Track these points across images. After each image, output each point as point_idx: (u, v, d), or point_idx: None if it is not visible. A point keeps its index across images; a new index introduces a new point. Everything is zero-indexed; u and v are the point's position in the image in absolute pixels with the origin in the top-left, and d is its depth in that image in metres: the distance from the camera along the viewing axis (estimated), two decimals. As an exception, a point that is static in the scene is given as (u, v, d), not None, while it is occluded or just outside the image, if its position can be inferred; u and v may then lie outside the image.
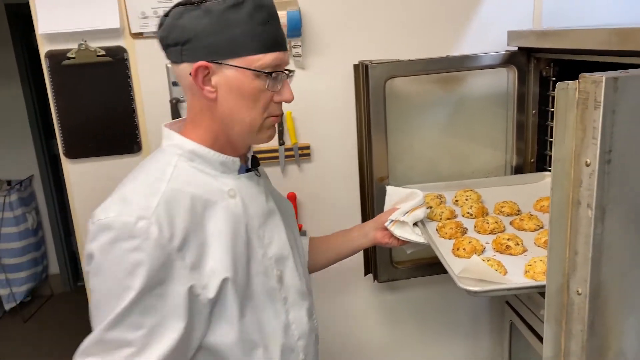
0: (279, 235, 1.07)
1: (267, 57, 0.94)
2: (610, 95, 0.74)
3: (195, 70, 0.93)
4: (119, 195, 0.94)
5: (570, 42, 1.30)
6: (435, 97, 1.69)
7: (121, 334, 0.88)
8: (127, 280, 0.87)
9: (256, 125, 0.98)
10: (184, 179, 0.96)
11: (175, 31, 0.93)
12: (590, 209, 0.79)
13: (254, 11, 0.93)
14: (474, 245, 1.15)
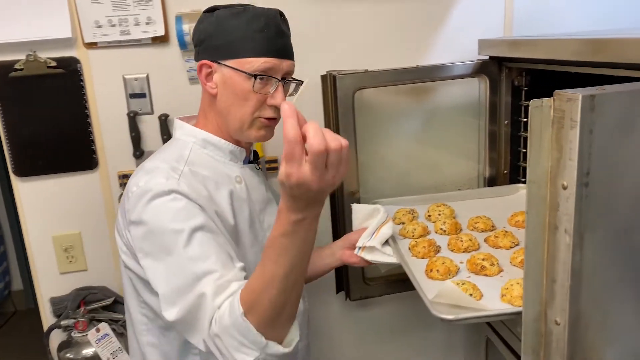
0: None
1: (258, 61, 1.05)
2: (586, 114, 0.69)
3: (199, 67, 1.08)
4: (143, 171, 1.04)
5: (543, 52, 1.26)
6: (406, 107, 1.64)
7: (195, 269, 0.92)
8: (175, 224, 0.95)
9: (245, 122, 1.08)
10: (199, 162, 1.08)
11: (196, 34, 1.11)
12: (568, 235, 0.74)
13: (252, 19, 1.05)
14: (448, 266, 1.09)
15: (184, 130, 1.14)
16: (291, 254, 0.83)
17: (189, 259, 0.94)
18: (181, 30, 1.47)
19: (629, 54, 0.99)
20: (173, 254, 0.95)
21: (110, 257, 1.64)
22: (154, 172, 1.02)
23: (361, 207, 1.29)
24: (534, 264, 0.79)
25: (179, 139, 1.14)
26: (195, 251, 0.94)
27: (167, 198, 0.98)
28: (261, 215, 1.17)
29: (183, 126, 1.15)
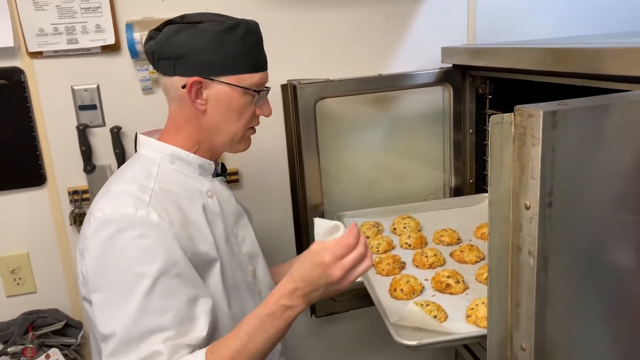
0: (249, 235, 1.15)
1: (255, 76, 1.04)
2: (549, 130, 0.65)
3: (191, 84, 1.00)
4: (110, 194, 0.97)
5: (505, 61, 1.24)
6: (370, 117, 1.60)
7: (150, 323, 0.87)
8: (139, 267, 0.88)
9: (238, 136, 1.07)
10: (169, 179, 1.03)
11: (170, 46, 1.00)
12: (532, 257, 0.70)
13: (246, 35, 1.02)
14: (412, 285, 1.05)
15: (149, 146, 1.08)
16: (268, 334, 0.89)
17: (147, 310, 0.87)
18: (132, 38, 1.40)
19: (591, 64, 0.97)
20: (131, 300, 0.87)
21: (62, 278, 1.55)
22: (122, 197, 0.95)
23: (323, 222, 1.23)
24: (497, 287, 0.76)
25: (145, 156, 1.07)
26: (155, 303, 0.88)
27: (134, 233, 0.90)
28: (235, 228, 1.13)
29: (148, 142, 1.08)
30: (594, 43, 1.09)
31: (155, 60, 1.04)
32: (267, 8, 1.50)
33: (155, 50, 1.02)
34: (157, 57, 1.03)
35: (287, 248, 1.62)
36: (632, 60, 0.90)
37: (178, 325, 0.88)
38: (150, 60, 1.05)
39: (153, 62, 1.05)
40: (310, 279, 0.88)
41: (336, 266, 0.88)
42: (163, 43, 1.01)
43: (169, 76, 1.03)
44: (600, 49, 0.96)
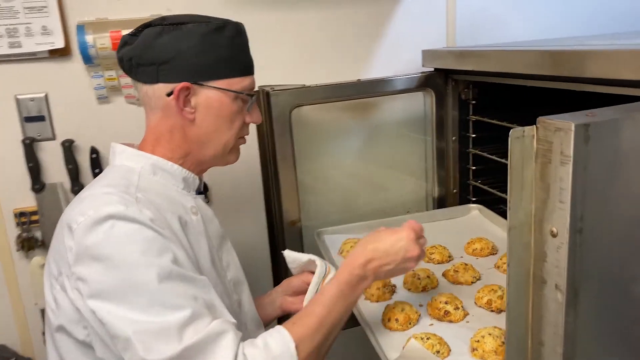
0: (233, 260, 1.06)
1: (246, 80, 0.97)
2: (580, 146, 0.56)
3: (178, 90, 0.90)
4: (89, 199, 0.84)
5: (496, 64, 1.16)
6: (349, 125, 1.50)
7: (181, 312, 0.77)
8: (147, 258, 0.79)
9: (229, 146, 0.98)
10: (151, 190, 0.90)
11: (151, 51, 0.91)
12: (559, 291, 0.61)
13: (235, 36, 0.95)
14: (408, 313, 0.95)
15: (127, 155, 0.96)
16: (347, 302, 0.88)
17: (170, 298, 0.78)
18: (85, 41, 1.26)
19: (593, 67, 0.90)
20: (146, 293, 0.77)
21: (10, 310, 1.38)
22: (103, 198, 0.83)
23: (294, 257, 1.12)
24: (516, 324, 0.66)
25: (121, 165, 0.95)
26: (176, 287, 0.79)
27: (133, 226, 0.81)
28: (219, 252, 1.02)
29: (125, 150, 0.96)
30: (593, 45, 1.02)
31: (133, 68, 0.93)
32: (234, 8, 1.39)
33: (132, 57, 0.92)
34: (135, 64, 0.92)
35: (262, 271, 1.49)
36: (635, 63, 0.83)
37: (209, 310, 0.81)
38: (126, 68, 0.95)
39: (130, 69, 0.94)
40: (390, 251, 0.91)
41: (416, 243, 0.92)
42: (142, 48, 0.91)
43: (150, 84, 0.92)
44: (605, 51, 0.89)
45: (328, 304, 0.87)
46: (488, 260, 1.19)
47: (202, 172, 1.02)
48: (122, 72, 1.03)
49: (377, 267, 0.90)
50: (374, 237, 0.93)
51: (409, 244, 0.91)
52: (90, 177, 1.39)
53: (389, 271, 0.91)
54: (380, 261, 0.90)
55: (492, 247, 1.22)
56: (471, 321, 0.95)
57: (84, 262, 0.79)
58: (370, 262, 0.90)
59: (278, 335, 0.82)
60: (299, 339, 0.82)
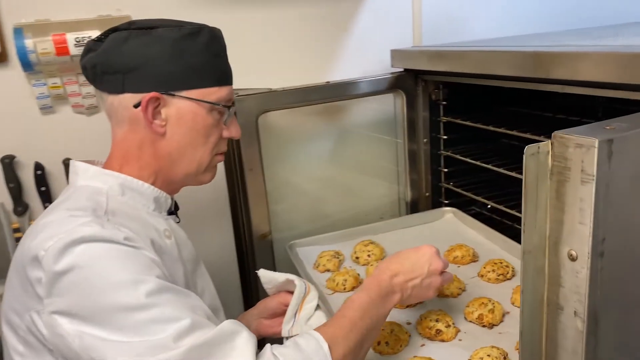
0: (208, 285, 0.99)
1: (223, 90, 0.89)
2: (604, 164, 0.51)
3: (147, 101, 0.82)
4: (54, 224, 0.74)
5: (473, 65, 1.11)
6: (318, 129, 1.43)
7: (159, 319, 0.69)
8: (132, 275, 0.71)
9: (204, 164, 0.90)
10: (121, 213, 0.81)
11: (118, 58, 0.83)
12: (579, 318, 0.56)
13: (210, 42, 0.87)
14: (398, 335, 0.89)
15: (90, 173, 0.86)
16: (376, 316, 0.83)
17: (166, 311, 0.70)
18: (24, 46, 1.12)
19: (584, 70, 0.86)
20: (136, 312, 0.69)
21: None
22: (71, 221, 0.73)
23: (270, 276, 1.04)
24: (530, 353, 0.61)
25: (86, 186, 0.85)
26: (172, 302, 0.72)
27: (111, 246, 0.72)
28: (193, 277, 0.94)
29: (88, 169, 0.87)
30: (571, 46, 0.99)
31: (97, 76, 0.85)
32: (191, 8, 1.29)
33: (97, 64, 0.84)
34: (99, 72, 0.84)
35: (231, 292, 1.40)
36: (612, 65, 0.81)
37: (210, 320, 0.74)
38: (90, 76, 0.87)
39: (94, 78, 0.86)
40: (415, 265, 0.89)
41: (439, 257, 0.92)
42: (108, 54, 0.83)
43: (116, 94, 0.84)
44: (596, 53, 0.86)
45: (359, 309, 0.82)
46: (470, 269, 1.15)
47: (174, 192, 0.94)
48: (68, 79, 0.93)
49: (404, 281, 0.87)
50: (397, 255, 0.92)
51: (432, 257, 0.90)
52: (35, 196, 1.25)
53: (415, 286, 0.88)
54: (406, 276, 0.88)
55: (473, 254, 1.18)
56: (464, 339, 0.90)
57: (60, 291, 0.70)
58: (397, 276, 0.87)
59: (308, 336, 0.76)
60: (331, 339, 0.76)
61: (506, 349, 0.84)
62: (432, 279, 0.90)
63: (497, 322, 0.93)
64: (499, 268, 1.08)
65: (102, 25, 1.18)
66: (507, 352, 0.83)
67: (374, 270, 0.90)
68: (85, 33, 1.15)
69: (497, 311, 0.93)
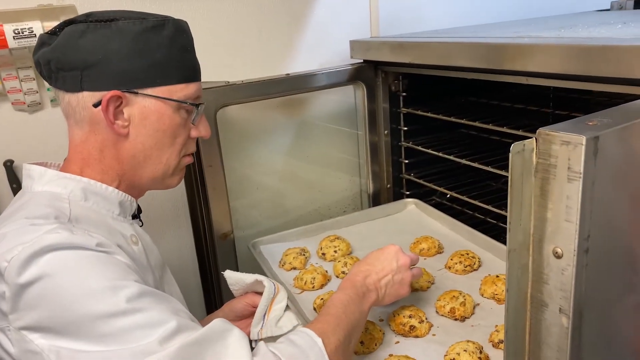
0: (176, 292, 0.94)
1: (190, 87, 0.83)
2: (590, 161, 0.51)
3: (107, 100, 0.77)
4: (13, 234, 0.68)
5: (436, 57, 1.11)
6: (278, 123, 1.39)
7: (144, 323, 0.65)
8: (109, 281, 0.66)
9: (172, 166, 0.85)
10: (86, 219, 0.76)
11: (74, 53, 0.76)
12: (564, 315, 0.56)
13: (175, 36, 0.81)
14: (372, 334, 0.88)
15: (47, 178, 0.79)
16: (358, 308, 0.83)
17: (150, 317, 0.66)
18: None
19: (544, 62, 0.87)
20: (118, 319, 0.64)
21: None
22: (34, 230, 0.67)
23: (237, 277, 1.00)
24: (514, 351, 0.61)
25: (44, 192, 0.78)
26: (154, 306, 0.67)
27: (83, 252, 0.67)
28: (162, 284, 0.90)
29: (45, 173, 0.80)
30: (541, 38, 1.00)
31: (53, 73, 0.78)
32: (141, -4, 1.20)
33: (51, 60, 0.77)
34: (55, 69, 0.78)
35: (192, 295, 1.35)
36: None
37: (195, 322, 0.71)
38: (45, 73, 0.80)
39: (49, 75, 0.79)
40: (383, 263, 0.89)
41: (403, 252, 0.92)
42: (63, 49, 0.76)
43: (74, 92, 0.78)
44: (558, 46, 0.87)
45: (340, 306, 0.81)
46: (436, 261, 1.15)
47: (139, 196, 0.89)
48: (7, 75, 0.85)
49: (377, 280, 0.88)
50: (365, 259, 0.93)
51: (397, 254, 0.91)
52: (-28, 201, 1.15)
53: (388, 283, 0.88)
54: (378, 275, 0.88)
55: (439, 246, 1.19)
56: (438, 334, 0.90)
57: (27, 304, 0.64)
58: (369, 276, 0.88)
59: (300, 332, 0.75)
60: (322, 333, 0.75)
61: (480, 342, 0.85)
62: (402, 275, 0.90)
63: (469, 314, 0.93)
64: (466, 259, 1.09)
65: (44, 16, 1.08)
66: (482, 345, 0.84)
67: (347, 275, 0.90)
68: (25, 24, 1.05)
69: (469, 304, 0.94)
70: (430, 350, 0.86)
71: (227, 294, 1.13)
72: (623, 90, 0.80)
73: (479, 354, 0.80)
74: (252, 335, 0.94)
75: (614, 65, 0.78)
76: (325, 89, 1.35)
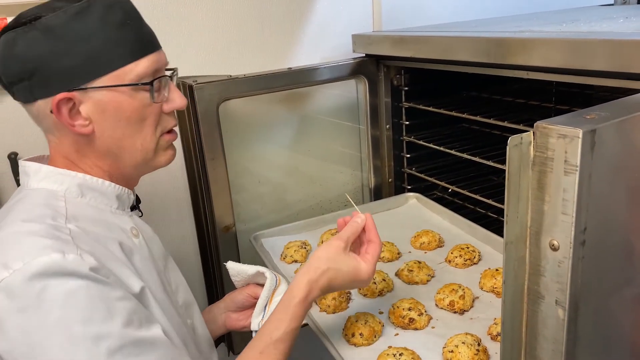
0: (181, 280, 0.94)
1: (140, 64, 0.77)
2: (587, 154, 0.51)
3: (56, 105, 0.73)
4: (8, 242, 0.68)
5: (438, 51, 1.11)
6: (280, 117, 1.40)
7: None
8: (92, 327, 0.64)
9: (151, 149, 0.82)
10: (83, 216, 0.76)
11: (15, 64, 0.73)
12: (560, 307, 0.57)
13: (106, 13, 0.74)
14: (372, 326, 0.88)
15: (43, 174, 0.78)
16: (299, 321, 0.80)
17: None
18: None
19: (546, 56, 0.87)
20: None
21: None
22: (31, 242, 0.67)
23: (239, 269, 1.01)
24: (511, 342, 0.62)
25: (40, 189, 0.78)
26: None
27: (73, 284, 0.65)
28: (166, 274, 0.89)
29: (40, 170, 0.79)
30: (542, 32, 1.00)
31: (7, 87, 0.77)
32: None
33: (0, 76, 0.76)
34: (7, 83, 0.76)
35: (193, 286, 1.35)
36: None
37: None
38: (5, 89, 0.77)
39: (7, 90, 0.77)
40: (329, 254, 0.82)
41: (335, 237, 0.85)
42: (4, 62, 0.74)
43: (30, 103, 0.76)
44: (559, 40, 0.87)
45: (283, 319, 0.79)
46: (437, 254, 1.16)
47: (133, 185, 0.88)
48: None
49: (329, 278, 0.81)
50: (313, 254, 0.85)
51: (330, 241, 0.84)
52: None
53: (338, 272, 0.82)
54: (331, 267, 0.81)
55: (439, 240, 1.19)
56: (437, 326, 0.91)
57: (5, 330, 0.63)
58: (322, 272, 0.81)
59: None
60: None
61: (479, 335, 0.85)
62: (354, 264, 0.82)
63: (468, 307, 0.94)
64: (466, 253, 1.10)
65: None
66: (480, 338, 0.84)
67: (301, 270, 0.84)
68: None
69: (468, 297, 0.94)
70: (429, 343, 0.86)
71: (228, 285, 1.14)
72: (624, 84, 0.80)
73: (477, 346, 0.81)
74: (253, 326, 0.95)
75: (613, 60, 0.78)
76: (327, 83, 1.35)
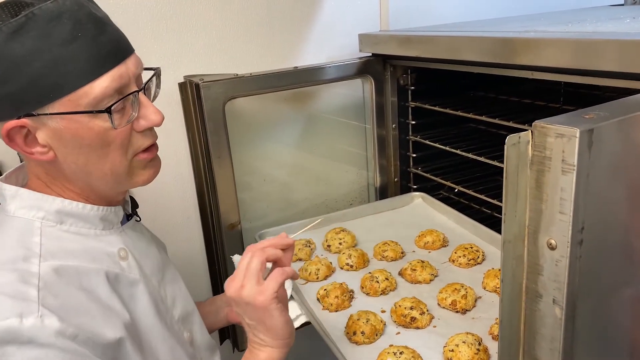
0: (180, 290, 0.90)
1: (96, 85, 0.67)
2: (584, 154, 0.51)
3: (7, 134, 0.67)
4: None
5: (444, 51, 1.11)
6: (286, 116, 1.40)
7: None
8: None
9: (122, 173, 0.74)
10: (60, 249, 0.71)
11: None
12: (558, 306, 0.57)
13: (49, 29, 0.63)
14: (374, 325, 0.89)
15: (18, 200, 0.73)
16: None
17: None
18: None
19: (552, 56, 0.87)
20: None
21: None
22: None
23: None
24: (509, 341, 0.62)
25: (16, 218, 0.72)
26: None
27: (30, 354, 0.61)
28: (162, 289, 0.84)
29: (16, 194, 0.73)
30: (548, 32, 1.00)
31: None
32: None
33: None
34: None
35: (198, 283, 1.37)
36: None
37: None
38: None
39: None
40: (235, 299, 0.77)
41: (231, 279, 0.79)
42: None
43: None
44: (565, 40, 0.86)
45: None
46: (441, 254, 1.16)
47: (119, 203, 0.81)
48: None
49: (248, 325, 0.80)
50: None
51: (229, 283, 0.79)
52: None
53: (252, 317, 0.79)
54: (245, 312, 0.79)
55: (443, 239, 1.19)
56: (439, 325, 0.91)
57: None
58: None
59: None
60: None
61: (480, 334, 0.85)
62: (248, 298, 0.77)
63: (470, 307, 0.94)
64: (470, 253, 1.10)
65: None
66: (481, 337, 0.84)
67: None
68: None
69: (470, 296, 0.94)
70: (430, 341, 0.87)
71: (233, 282, 1.15)
72: (629, 85, 0.80)
73: (478, 346, 0.81)
74: None
75: (618, 60, 0.78)
76: (333, 82, 1.35)
